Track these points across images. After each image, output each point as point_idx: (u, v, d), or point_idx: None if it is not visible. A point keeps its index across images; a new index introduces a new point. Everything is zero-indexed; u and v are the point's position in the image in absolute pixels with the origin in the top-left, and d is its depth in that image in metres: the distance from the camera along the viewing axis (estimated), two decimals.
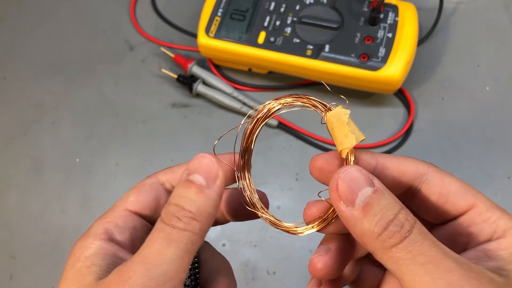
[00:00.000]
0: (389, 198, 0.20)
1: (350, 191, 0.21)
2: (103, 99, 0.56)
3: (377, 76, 0.48)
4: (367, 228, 0.20)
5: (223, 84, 0.54)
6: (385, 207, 0.20)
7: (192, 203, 0.22)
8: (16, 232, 0.50)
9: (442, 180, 0.23)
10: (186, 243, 0.21)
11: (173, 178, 0.26)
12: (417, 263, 0.19)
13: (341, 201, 0.21)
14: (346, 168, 0.21)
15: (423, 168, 0.24)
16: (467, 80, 0.55)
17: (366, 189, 0.20)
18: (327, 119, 0.24)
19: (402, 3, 0.52)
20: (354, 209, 0.20)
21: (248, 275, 0.47)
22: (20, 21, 0.62)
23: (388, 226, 0.20)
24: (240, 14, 0.53)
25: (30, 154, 0.54)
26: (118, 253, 0.23)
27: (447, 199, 0.23)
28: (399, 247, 0.19)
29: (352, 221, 0.21)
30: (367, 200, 0.20)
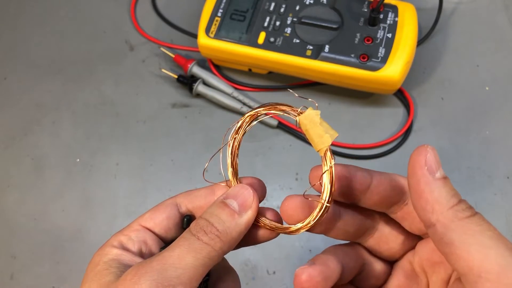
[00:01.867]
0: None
1: (435, 162, 0.22)
2: (103, 99, 0.56)
3: (376, 76, 0.49)
4: (444, 196, 0.21)
5: (223, 84, 0.54)
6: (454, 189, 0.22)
7: (221, 223, 0.24)
8: (16, 232, 0.50)
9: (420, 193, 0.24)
10: (205, 256, 0.23)
11: (189, 200, 0.28)
12: (486, 236, 0.20)
13: (426, 167, 0.22)
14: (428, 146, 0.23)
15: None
16: (466, 80, 0.55)
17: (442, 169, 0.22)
18: (300, 122, 0.25)
19: (402, 4, 0.52)
20: (436, 176, 0.22)
21: (248, 274, 0.47)
22: (20, 21, 0.62)
23: (461, 201, 0.21)
24: (240, 14, 0.53)
25: (30, 154, 0.54)
26: (133, 258, 0.26)
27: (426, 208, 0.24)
28: (472, 219, 0.21)
29: (431, 186, 0.22)
30: (445, 175, 0.22)
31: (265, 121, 0.53)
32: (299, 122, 0.25)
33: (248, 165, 0.51)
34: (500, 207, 0.47)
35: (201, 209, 0.28)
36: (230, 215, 0.25)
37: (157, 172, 0.52)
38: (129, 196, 0.51)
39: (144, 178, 0.52)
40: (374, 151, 0.52)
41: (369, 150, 0.52)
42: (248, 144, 0.52)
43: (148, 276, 0.22)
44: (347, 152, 0.52)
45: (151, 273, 0.22)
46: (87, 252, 0.48)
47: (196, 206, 0.28)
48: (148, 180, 0.52)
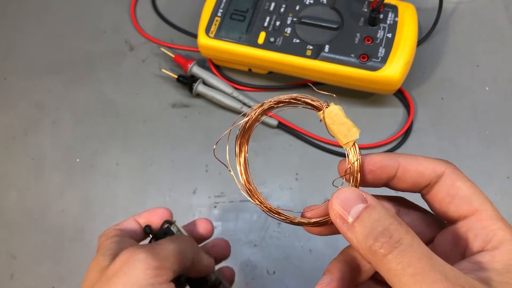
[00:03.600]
0: (381, 212, 0.21)
1: (344, 207, 0.22)
2: (103, 99, 0.56)
3: (376, 76, 0.49)
4: (359, 239, 0.21)
5: (223, 84, 0.54)
6: (376, 221, 0.21)
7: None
8: (16, 232, 0.50)
9: (454, 182, 0.24)
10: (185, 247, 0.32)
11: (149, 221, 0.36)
12: (407, 274, 0.19)
13: (337, 219, 0.22)
14: (341, 189, 0.23)
15: (440, 169, 0.25)
16: (466, 80, 0.55)
17: (359, 205, 0.22)
18: (325, 116, 0.25)
19: (402, 4, 0.52)
20: (348, 224, 0.22)
21: (248, 275, 0.47)
22: (20, 21, 0.62)
23: (378, 237, 0.20)
24: (240, 14, 0.53)
25: (30, 154, 0.54)
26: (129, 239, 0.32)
27: (452, 201, 0.24)
28: (389, 257, 0.20)
29: (348, 235, 0.22)
30: (358, 215, 0.22)
31: (265, 121, 0.53)
32: (324, 116, 0.25)
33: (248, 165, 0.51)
34: (500, 207, 0.47)
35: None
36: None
37: (157, 172, 0.52)
38: (129, 196, 0.51)
39: (144, 178, 0.52)
40: (374, 151, 0.52)
41: (369, 150, 0.52)
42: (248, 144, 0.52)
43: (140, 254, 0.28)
44: None
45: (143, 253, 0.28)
46: (87, 252, 0.48)
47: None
48: (148, 180, 0.52)
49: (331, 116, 0.25)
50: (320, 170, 0.51)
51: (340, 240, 0.41)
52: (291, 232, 0.48)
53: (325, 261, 0.48)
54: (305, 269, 0.47)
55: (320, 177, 0.51)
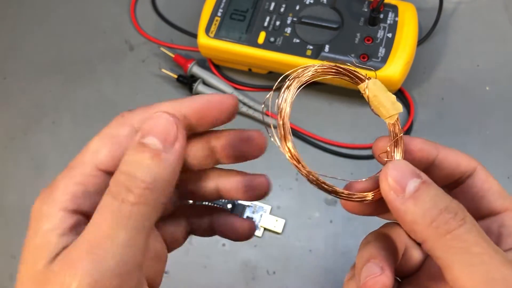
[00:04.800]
0: (437, 190, 0.21)
1: (400, 180, 0.21)
2: (103, 99, 0.56)
3: (377, 76, 0.48)
4: (419, 214, 0.20)
5: (223, 84, 0.54)
6: (436, 195, 0.20)
7: (145, 171, 0.19)
8: (16, 232, 0.50)
9: (487, 178, 0.25)
10: (140, 220, 0.18)
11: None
12: (472, 252, 0.19)
13: (392, 191, 0.21)
14: (395, 161, 0.22)
15: (474, 163, 0.25)
16: (467, 80, 0.55)
17: (415, 179, 0.21)
18: (369, 87, 0.24)
19: (402, 3, 0.52)
20: (405, 196, 0.20)
21: (248, 275, 0.47)
22: (20, 21, 0.62)
23: (442, 212, 0.19)
24: (240, 14, 0.53)
25: (30, 154, 0.54)
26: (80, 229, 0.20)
27: (485, 196, 0.24)
28: (455, 234, 0.19)
29: (403, 208, 0.20)
30: (418, 188, 0.20)
31: (265, 121, 0.53)
32: (368, 86, 0.24)
33: (248, 165, 0.51)
34: None
35: None
36: (154, 157, 0.19)
37: None
38: None
39: None
40: None
41: (369, 150, 0.52)
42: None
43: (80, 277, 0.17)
44: (347, 152, 0.52)
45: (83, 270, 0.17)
46: None
47: None
48: None
49: (375, 88, 0.24)
50: (320, 170, 0.51)
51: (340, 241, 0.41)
52: (291, 232, 0.48)
53: (325, 261, 0.48)
54: (305, 269, 0.47)
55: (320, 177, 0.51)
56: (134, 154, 0.19)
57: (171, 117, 0.20)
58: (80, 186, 0.21)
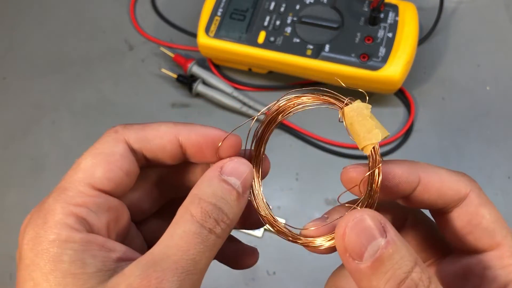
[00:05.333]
0: (402, 251, 0.18)
1: (359, 243, 0.18)
2: (103, 98, 0.56)
3: (377, 76, 0.48)
4: (375, 286, 0.18)
5: (223, 84, 0.54)
6: (397, 263, 0.18)
7: (230, 209, 0.20)
8: (16, 232, 0.50)
9: (477, 210, 0.22)
10: (217, 249, 0.20)
11: (147, 147, 0.22)
12: None
13: (348, 253, 0.19)
14: (356, 214, 0.19)
15: (464, 190, 0.22)
16: (467, 80, 0.55)
17: (378, 240, 0.18)
18: (345, 113, 0.21)
19: (403, 3, 0.51)
20: (362, 263, 0.18)
21: (248, 275, 0.47)
22: (20, 21, 0.62)
23: (400, 286, 0.17)
24: (240, 13, 0.53)
25: (30, 154, 0.54)
26: (106, 244, 0.19)
27: (472, 231, 0.21)
28: None
29: (359, 276, 0.18)
30: (377, 255, 0.18)
31: None
32: (343, 113, 0.21)
33: None
34: (501, 207, 0.47)
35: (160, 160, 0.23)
36: (236, 199, 0.21)
37: None
38: None
39: None
40: None
41: None
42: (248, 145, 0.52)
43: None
44: (347, 152, 0.52)
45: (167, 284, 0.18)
46: None
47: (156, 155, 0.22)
48: None
49: (352, 114, 0.21)
50: (320, 170, 0.51)
51: None
52: None
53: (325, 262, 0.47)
54: (305, 270, 0.47)
55: (320, 177, 0.51)
56: (219, 188, 0.21)
57: (251, 166, 0.22)
58: (81, 210, 0.20)
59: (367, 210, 0.19)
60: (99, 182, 0.21)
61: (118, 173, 0.21)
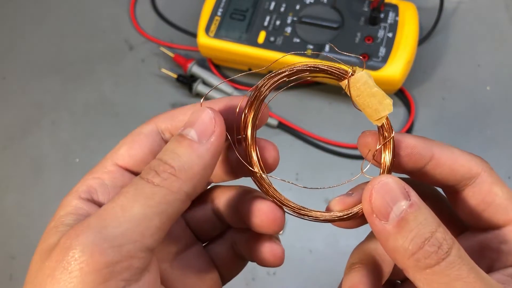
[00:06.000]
0: (426, 214, 0.19)
1: (385, 204, 0.19)
2: (103, 99, 0.56)
3: (377, 76, 0.48)
4: (401, 244, 0.19)
5: (223, 84, 0.54)
6: (421, 224, 0.19)
7: (176, 158, 0.19)
8: (16, 232, 0.50)
9: (491, 188, 0.22)
10: (159, 201, 0.18)
11: (173, 126, 0.23)
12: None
13: (374, 214, 0.19)
14: (381, 178, 0.20)
15: (476, 169, 0.22)
16: (467, 80, 0.55)
17: (402, 202, 0.19)
18: (351, 85, 0.21)
19: (403, 3, 0.51)
20: (388, 224, 0.19)
21: (248, 275, 0.47)
22: (20, 21, 0.62)
23: (424, 245, 0.18)
24: (240, 13, 0.53)
25: (30, 154, 0.54)
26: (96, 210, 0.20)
27: (487, 208, 0.22)
28: (436, 269, 0.18)
29: (385, 235, 0.19)
30: (402, 215, 0.19)
31: None
32: (349, 84, 0.21)
33: None
34: None
35: None
36: (187, 146, 0.20)
37: None
38: None
39: None
40: None
41: None
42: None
43: (83, 238, 0.17)
44: (347, 152, 0.51)
45: (87, 233, 0.17)
46: None
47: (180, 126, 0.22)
48: None
49: (358, 85, 0.21)
50: (320, 170, 0.51)
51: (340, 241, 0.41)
52: (292, 232, 0.48)
53: (325, 262, 0.48)
54: (305, 270, 0.47)
55: (320, 177, 0.50)
56: (171, 143, 0.20)
57: (212, 112, 0.21)
58: (96, 180, 0.22)
59: (391, 175, 0.20)
60: (121, 158, 0.22)
61: (140, 150, 0.22)
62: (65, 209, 0.20)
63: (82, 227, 0.18)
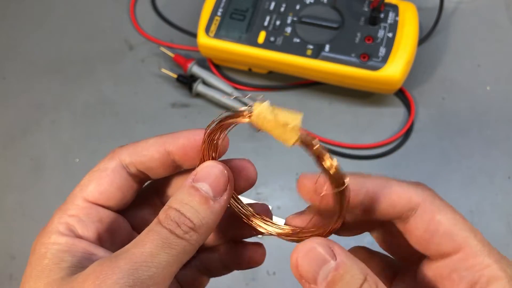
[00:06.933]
0: (352, 271, 0.19)
1: (311, 270, 0.20)
2: (103, 99, 0.56)
3: (377, 76, 0.48)
4: None
5: (223, 84, 0.54)
6: (348, 283, 0.19)
7: (195, 213, 0.21)
8: (16, 232, 0.50)
9: (433, 216, 0.21)
10: (180, 252, 0.20)
11: (137, 161, 0.24)
12: None
13: (303, 279, 0.20)
14: (306, 244, 0.20)
15: (416, 199, 0.22)
16: (467, 80, 0.55)
17: (328, 264, 0.19)
18: (255, 123, 0.21)
19: (403, 3, 0.51)
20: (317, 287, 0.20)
21: (248, 275, 0.47)
22: (20, 21, 0.62)
23: None
24: (240, 13, 0.53)
25: (30, 154, 0.54)
26: (88, 248, 0.22)
27: (431, 238, 0.21)
28: None
29: None
30: (329, 278, 0.19)
31: None
32: (254, 124, 0.21)
33: None
34: (501, 208, 0.47)
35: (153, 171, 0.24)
36: (203, 203, 0.21)
37: None
38: None
39: None
40: (374, 151, 0.52)
41: (370, 150, 0.52)
42: (248, 144, 0.52)
43: (116, 278, 0.19)
44: (347, 152, 0.52)
45: (120, 274, 0.19)
46: None
47: (148, 167, 0.24)
48: None
49: (261, 121, 0.21)
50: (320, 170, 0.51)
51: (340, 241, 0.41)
52: None
53: None
54: None
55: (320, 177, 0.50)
56: (186, 194, 0.21)
57: (224, 169, 0.22)
58: (72, 218, 0.23)
59: (316, 238, 0.20)
60: (91, 195, 0.23)
61: (108, 186, 0.23)
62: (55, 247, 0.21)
63: (114, 267, 0.19)
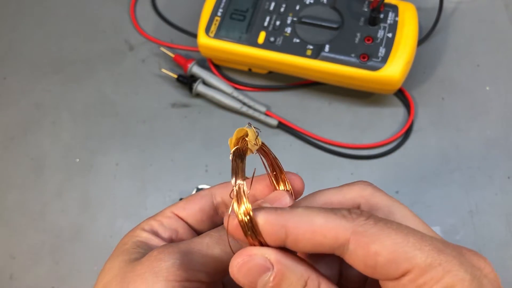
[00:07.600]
0: (291, 278, 0.19)
1: (248, 283, 0.20)
2: (103, 99, 0.56)
3: (377, 76, 0.48)
4: None
5: (223, 84, 0.54)
6: None
7: None
8: (16, 232, 0.50)
9: (368, 250, 0.19)
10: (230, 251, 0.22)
11: (225, 192, 0.28)
12: None
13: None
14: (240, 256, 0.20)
15: (343, 235, 0.20)
16: (467, 80, 0.55)
17: (266, 274, 0.19)
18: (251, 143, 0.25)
19: (402, 3, 0.52)
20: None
21: None
22: (20, 21, 0.62)
23: None
24: (240, 14, 0.53)
25: (30, 154, 0.54)
26: (159, 243, 0.25)
27: (375, 270, 0.20)
28: None
29: None
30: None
31: (265, 121, 0.53)
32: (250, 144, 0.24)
33: (248, 165, 0.51)
34: (500, 207, 0.47)
35: None
36: None
37: (157, 172, 0.52)
38: (129, 196, 0.51)
39: (144, 178, 0.52)
40: (374, 151, 0.52)
41: (369, 150, 0.52)
42: None
43: (173, 255, 0.22)
44: (347, 152, 0.52)
45: (177, 253, 0.22)
46: (87, 252, 0.48)
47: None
48: (148, 180, 0.51)
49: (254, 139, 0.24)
50: (320, 170, 0.51)
51: None
52: None
53: None
54: None
55: (320, 177, 0.51)
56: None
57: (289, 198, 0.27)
58: (157, 221, 0.27)
59: (253, 248, 0.20)
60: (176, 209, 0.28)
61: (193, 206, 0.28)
62: (136, 238, 0.25)
63: (174, 247, 0.22)
